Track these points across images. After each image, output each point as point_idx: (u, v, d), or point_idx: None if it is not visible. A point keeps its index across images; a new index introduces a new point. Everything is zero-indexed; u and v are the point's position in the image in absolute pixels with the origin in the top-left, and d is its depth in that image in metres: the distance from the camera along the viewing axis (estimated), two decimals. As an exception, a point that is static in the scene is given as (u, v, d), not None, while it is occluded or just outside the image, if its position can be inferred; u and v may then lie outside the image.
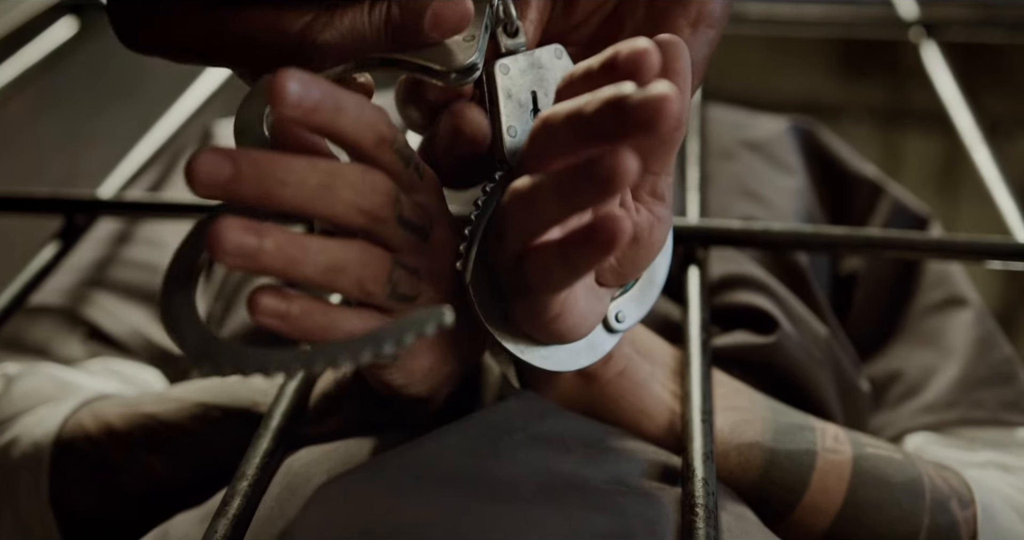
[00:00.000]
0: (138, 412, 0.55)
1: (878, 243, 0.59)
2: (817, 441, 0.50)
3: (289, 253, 0.35)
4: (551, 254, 0.37)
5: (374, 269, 0.38)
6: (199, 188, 0.33)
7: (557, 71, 0.43)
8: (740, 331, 0.59)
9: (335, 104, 0.35)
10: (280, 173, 0.34)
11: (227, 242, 0.33)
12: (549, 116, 0.37)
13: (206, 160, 0.33)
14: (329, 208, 0.36)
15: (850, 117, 2.54)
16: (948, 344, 0.67)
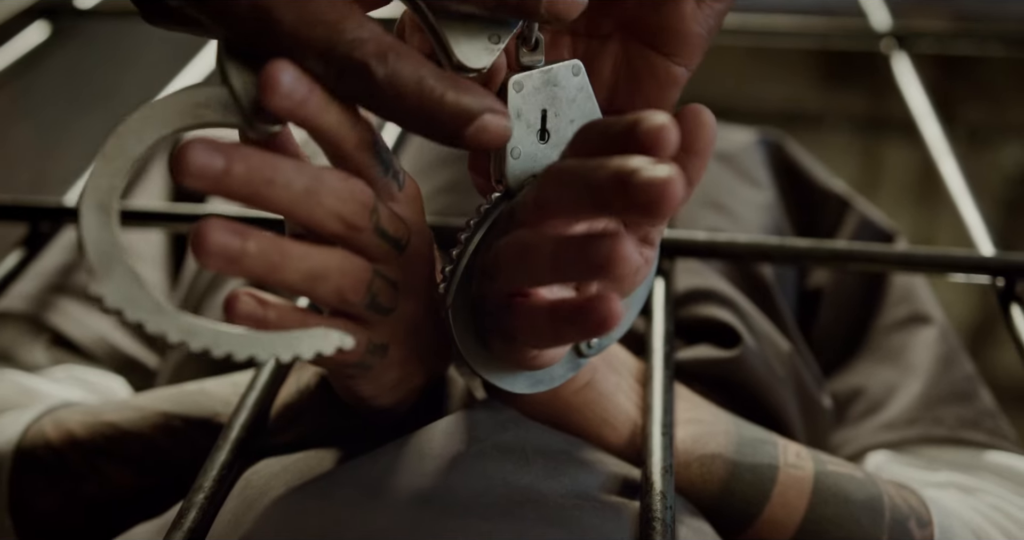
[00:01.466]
0: (100, 420, 0.54)
1: (842, 256, 0.59)
2: (779, 456, 0.50)
3: (271, 258, 0.35)
4: (540, 316, 0.36)
5: (354, 278, 0.38)
6: (188, 179, 0.32)
7: (571, 89, 0.42)
8: (703, 345, 0.59)
9: (323, 99, 0.35)
10: (269, 172, 0.34)
11: (211, 243, 0.33)
12: (559, 172, 0.36)
13: (198, 151, 0.32)
14: (310, 212, 0.36)
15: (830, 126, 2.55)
16: (911, 361, 0.68)
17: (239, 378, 0.55)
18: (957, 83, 2.38)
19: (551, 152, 0.42)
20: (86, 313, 0.69)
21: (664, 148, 0.32)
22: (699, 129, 0.37)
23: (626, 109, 0.43)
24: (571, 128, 0.42)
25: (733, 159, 0.77)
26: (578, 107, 0.42)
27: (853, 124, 2.53)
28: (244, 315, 0.36)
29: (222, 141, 0.33)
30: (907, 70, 0.84)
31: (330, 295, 0.38)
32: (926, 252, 0.60)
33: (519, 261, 0.37)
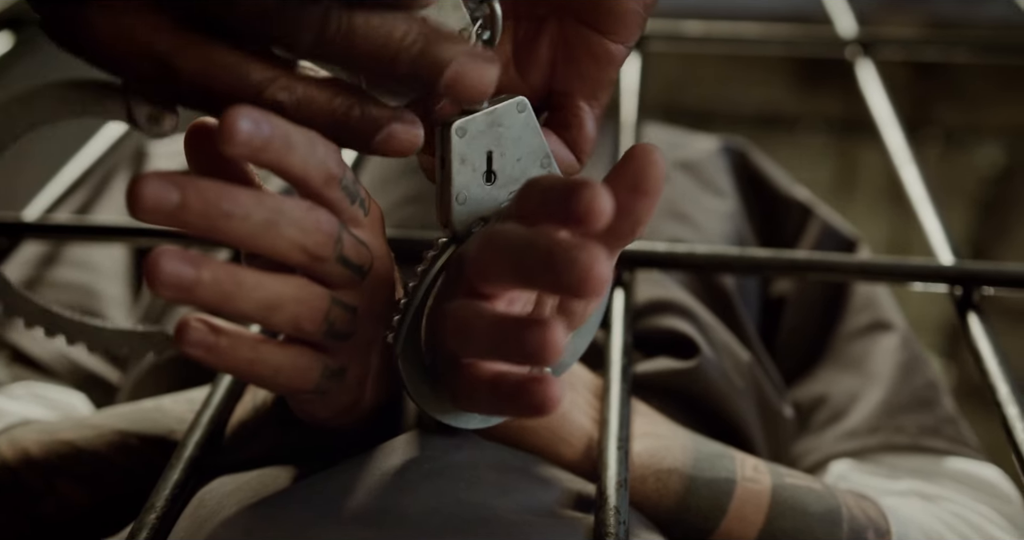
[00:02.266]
0: (55, 439, 0.54)
1: (801, 265, 0.60)
2: (736, 470, 0.50)
3: (225, 287, 0.34)
4: (480, 386, 0.36)
5: (311, 307, 0.38)
6: (142, 214, 0.32)
7: (516, 128, 0.42)
8: (662, 357, 0.59)
9: (285, 142, 0.35)
10: (226, 205, 0.34)
11: (163, 272, 0.33)
12: (494, 239, 0.36)
13: (152, 185, 0.32)
14: (271, 244, 0.36)
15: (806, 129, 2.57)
16: (872, 369, 0.68)
17: (195, 395, 0.54)
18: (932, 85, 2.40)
19: (499, 193, 0.42)
20: (46, 329, 0.69)
21: (595, 224, 0.32)
22: (648, 168, 0.37)
23: (566, 89, 0.43)
24: (518, 166, 0.42)
25: (696, 167, 0.77)
26: (524, 144, 0.42)
27: (829, 127, 2.54)
28: (194, 343, 0.36)
29: (178, 174, 0.33)
30: (871, 77, 0.84)
31: (286, 324, 0.38)
32: (885, 261, 0.60)
33: (459, 334, 0.36)
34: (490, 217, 0.42)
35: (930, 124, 2.52)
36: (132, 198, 0.32)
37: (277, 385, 0.40)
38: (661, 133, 0.83)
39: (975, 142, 2.56)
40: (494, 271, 0.36)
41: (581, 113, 0.43)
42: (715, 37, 0.92)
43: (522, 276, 0.34)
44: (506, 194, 0.42)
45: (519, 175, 0.42)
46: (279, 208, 0.36)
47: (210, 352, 0.36)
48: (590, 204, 0.32)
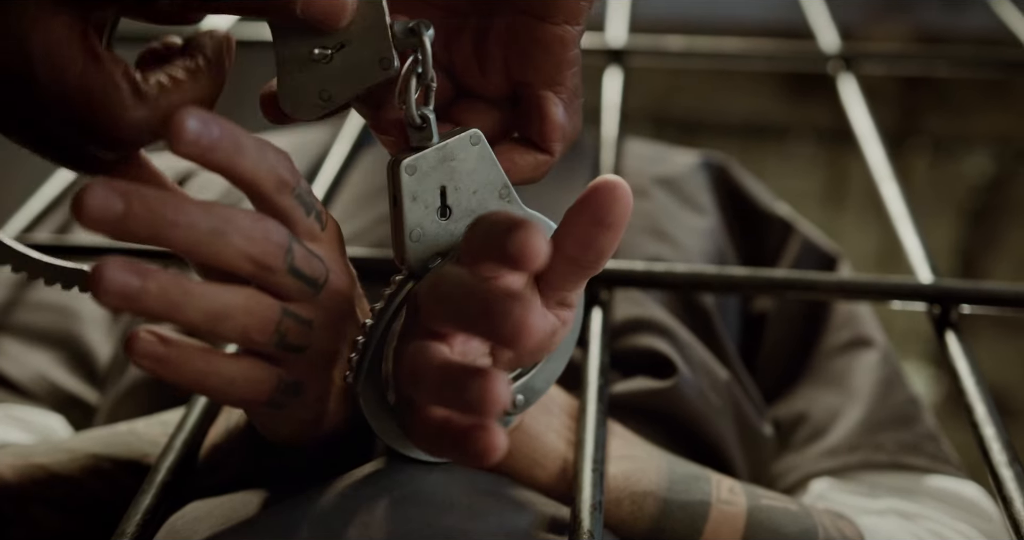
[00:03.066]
0: (29, 463, 0.53)
1: (780, 284, 0.59)
2: (712, 492, 0.50)
3: (172, 297, 0.34)
4: (430, 429, 0.36)
5: (260, 318, 0.38)
6: (87, 223, 0.32)
7: (471, 160, 0.42)
8: (639, 377, 0.59)
9: (234, 145, 0.35)
10: (171, 214, 0.34)
11: (108, 281, 0.33)
12: (441, 284, 0.36)
13: (96, 194, 0.32)
14: (217, 254, 0.36)
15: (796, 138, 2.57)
16: (853, 386, 0.68)
17: (169, 417, 0.54)
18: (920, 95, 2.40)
19: (454, 226, 0.42)
20: (24, 351, 0.68)
21: (529, 266, 0.32)
22: (612, 203, 0.37)
23: (524, 80, 0.43)
24: (475, 199, 0.42)
25: (676, 183, 0.77)
26: (480, 176, 0.42)
27: (818, 137, 2.55)
28: (143, 354, 0.36)
29: (122, 183, 0.33)
30: (853, 91, 0.84)
31: (234, 335, 0.38)
32: (863, 280, 0.60)
33: (411, 378, 0.36)
34: (448, 252, 0.42)
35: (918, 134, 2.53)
36: (77, 207, 0.32)
37: (231, 398, 0.40)
38: (641, 147, 0.83)
39: (964, 151, 2.57)
40: (439, 316, 0.36)
41: (543, 102, 0.43)
42: (697, 52, 0.92)
43: (463, 324, 0.34)
44: (463, 227, 0.42)
45: (476, 207, 0.42)
46: (226, 217, 0.36)
47: (160, 363, 0.36)
48: (523, 246, 0.32)
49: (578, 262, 0.40)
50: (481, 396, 0.31)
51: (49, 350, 0.69)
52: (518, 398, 0.45)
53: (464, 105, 0.45)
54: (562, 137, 0.43)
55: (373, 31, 0.40)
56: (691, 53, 0.91)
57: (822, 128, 2.53)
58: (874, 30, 2.11)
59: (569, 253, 0.40)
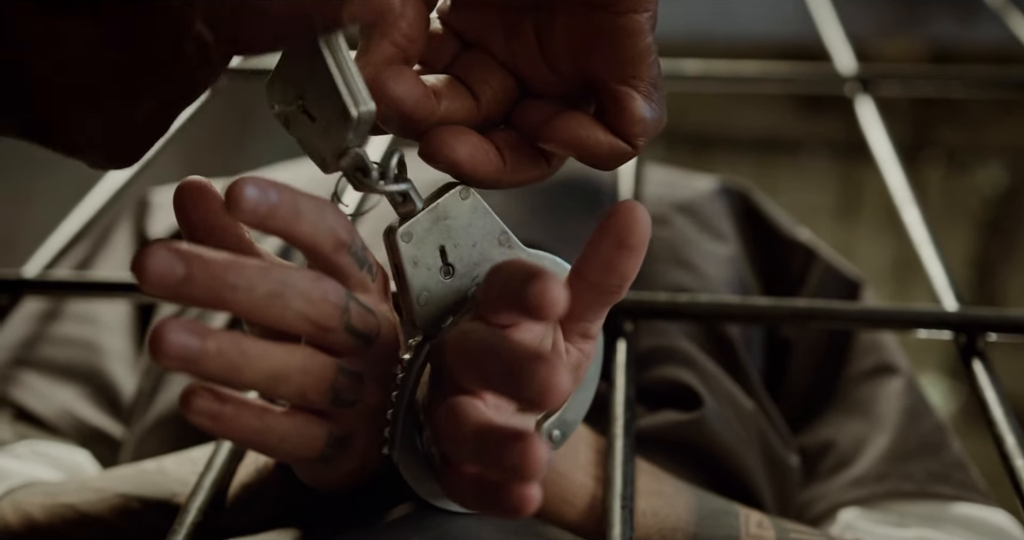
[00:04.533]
0: (58, 503, 0.54)
1: (803, 314, 0.59)
2: (740, 527, 0.50)
3: (230, 358, 0.35)
4: (465, 486, 0.36)
5: (317, 377, 0.38)
6: (148, 288, 0.32)
7: (464, 215, 0.42)
8: (665, 410, 0.59)
9: (293, 209, 0.35)
10: (232, 278, 0.34)
11: (168, 344, 0.33)
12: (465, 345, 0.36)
13: (158, 259, 0.32)
14: (278, 316, 0.36)
15: (809, 152, 2.57)
16: (878, 413, 0.68)
17: (197, 455, 0.54)
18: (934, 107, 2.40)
19: (461, 282, 0.42)
20: (49, 386, 0.69)
21: (549, 316, 0.32)
22: (634, 225, 0.37)
23: (596, 75, 0.41)
24: (475, 252, 0.42)
25: (695, 210, 0.77)
26: (477, 228, 0.42)
27: (831, 151, 2.55)
28: (199, 412, 0.36)
29: (183, 245, 0.33)
30: (871, 113, 0.84)
31: (292, 395, 0.38)
32: (887, 308, 0.60)
33: (446, 438, 0.36)
34: (459, 308, 0.42)
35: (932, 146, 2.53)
36: (138, 271, 0.32)
37: (283, 454, 0.40)
38: (658, 173, 0.83)
39: (977, 163, 2.56)
40: (465, 376, 0.36)
41: (618, 96, 0.40)
42: (714, 76, 0.92)
43: (489, 383, 0.34)
44: (469, 281, 0.42)
45: (479, 259, 0.42)
46: (285, 280, 0.36)
47: (215, 421, 0.36)
48: (542, 296, 0.32)
49: (602, 287, 0.40)
50: (522, 461, 0.31)
51: (74, 385, 0.69)
52: (554, 434, 0.45)
53: (531, 105, 0.43)
54: (644, 131, 0.41)
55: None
56: (708, 77, 0.92)
57: (835, 142, 2.52)
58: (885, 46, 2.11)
59: (592, 279, 0.40)
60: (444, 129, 0.40)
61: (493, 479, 0.34)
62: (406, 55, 0.40)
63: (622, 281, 0.39)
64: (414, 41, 0.40)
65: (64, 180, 1.13)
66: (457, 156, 0.40)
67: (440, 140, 0.40)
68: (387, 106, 0.39)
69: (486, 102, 0.42)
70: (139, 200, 0.81)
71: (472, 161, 0.41)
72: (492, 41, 0.43)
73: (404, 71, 0.39)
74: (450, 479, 0.37)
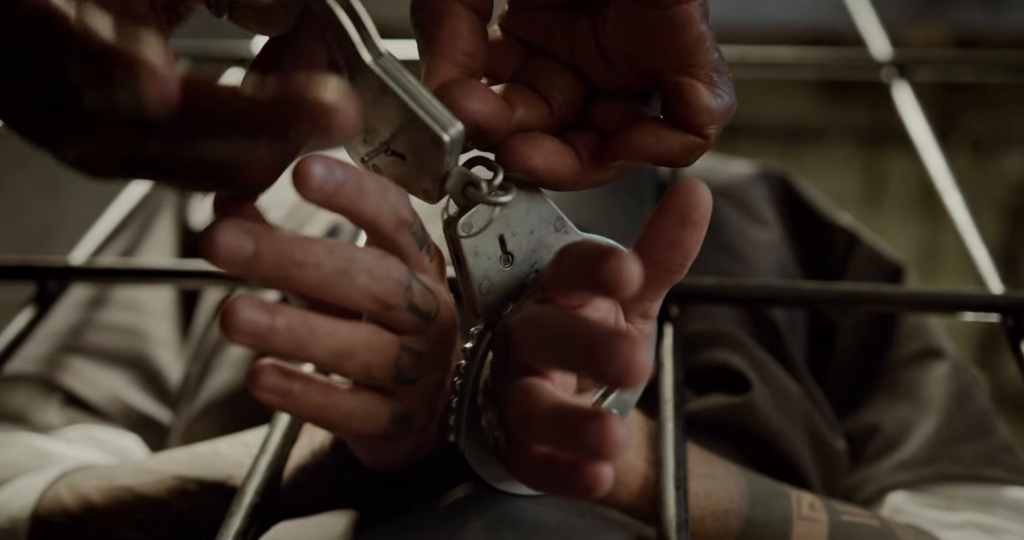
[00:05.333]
0: (115, 485, 0.54)
1: (851, 297, 0.59)
2: (793, 509, 0.50)
3: (299, 335, 0.35)
4: (535, 467, 0.36)
5: (382, 354, 0.39)
6: (218, 262, 0.33)
7: (521, 203, 0.42)
8: (713, 394, 0.59)
9: (358, 188, 0.36)
10: (299, 255, 0.35)
11: (239, 320, 0.33)
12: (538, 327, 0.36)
13: (227, 235, 0.33)
14: (344, 293, 0.37)
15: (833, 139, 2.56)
16: (925, 397, 0.68)
17: (250, 438, 0.55)
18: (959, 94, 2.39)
19: (520, 269, 0.43)
20: (97, 372, 0.69)
21: (626, 292, 0.32)
22: (697, 202, 0.38)
23: (653, 69, 0.41)
24: (533, 238, 0.43)
25: (735, 195, 0.77)
26: (534, 215, 0.43)
27: (855, 138, 2.54)
28: (267, 388, 0.37)
29: (251, 223, 0.34)
30: (908, 99, 0.84)
31: (358, 371, 0.38)
32: (934, 291, 0.60)
33: (519, 419, 0.36)
34: (519, 295, 0.43)
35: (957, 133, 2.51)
36: (208, 247, 0.33)
37: (347, 430, 0.41)
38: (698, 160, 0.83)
39: (1003, 150, 2.54)
40: (537, 358, 0.36)
41: (679, 88, 0.40)
42: (749, 62, 0.92)
43: (564, 364, 0.34)
44: (528, 267, 0.43)
45: (536, 245, 0.43)
46: (350, 257, 0.36)
47: (283, 397, 0.37)
48: (619, 273, 0.32)
49: (665, 265, 0.40)
50: (601, 440, 0.31)
51: (121, 371, 0.70)
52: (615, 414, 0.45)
53: (601, 105, 0.43)
54: (711, 120, 0.40)
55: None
56: (742, 63, 0.91)
57: (859, 130, 2.51)
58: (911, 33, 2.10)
59: (655, 257, 0.40)
60: (520, 138, 0.41)
61: (564, 459, 0.34)
62: (470, 71, 0.41)
63: (684, 259, 0.39)
64: (475, 56, 0.41)
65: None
66: (534, 164, 0.41)
67: (517, 149, 0.41)
68: (463, 122, 0.39)
69: (557, 106, 0.42)
70: (180, 188, 0.81)
71: (549, 167, 0.41)
72: (554, 44, 0.43)
73: (473, 85, 0.40)
74: (519, 461, 0.37)
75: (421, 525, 0.44)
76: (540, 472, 0.36)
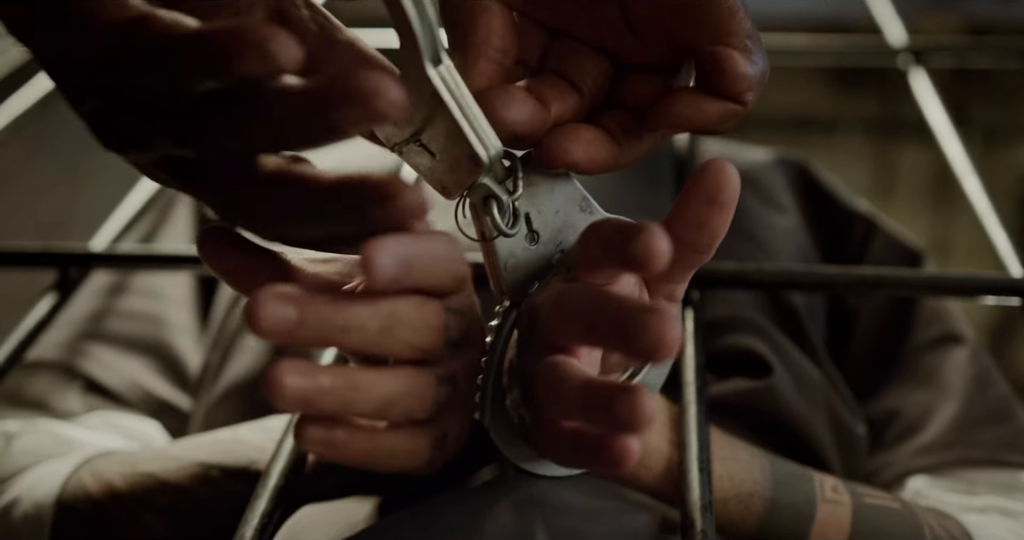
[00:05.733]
0: (138, 471, 0.55)
1: (871, 282, 0.59)
2: (816, 491, 0.50)
3: (343, 394, 0.35)
4: (563, 442, 0.36)
5: (421, 397, 0.38)
6: (261, 333, 0.33)
7: (546, 182, 0.42)
8: (735, 378, 0.59)
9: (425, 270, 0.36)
10: (342, 319, 0.35)
11: (286, 388, 0.33)
12: (567, 302, 0.36)
13: (269, 305, 0.33)
14: (387, 349, 0.37)
15: (843, 131, 2.55)
16: (944, 382, 0.68)
17: (272, 424, 0.55)
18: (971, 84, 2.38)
19: (545, 248, 0.43)
20: (117, 359, 0.70)
21: (655, 267, 0.32)
22: (725, 182, 0.38)
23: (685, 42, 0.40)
24: (558, 218, 0.43)
25: (754, 181, 0.76)
26: (559, 195, 0.43)
27: (866, 128, 2.53)
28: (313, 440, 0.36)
29: (291, 289, 0.34)
30: (925, 85, 0.84)
31: (400, 417, 0.38)
32: (955, 275, 0.60)
33: (547, 395, 0.36)
34: (543, 274, 0.43)
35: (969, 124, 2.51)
36: (251, 318, 0.32)
37: (392, 468, 0.40)
38: (712, 144, 0.83)
39: (1015, 141, 2.53)
40: (566, 333, 0.36)
41: (716, 57, 0.39)
42: (766, 50, 0.91)
43: (594, 339, 0.34)
44: (553, 247, 0.43)
45: (561, 225, 0.43)
46: (393, 313, 0.36)
47: (328, 447, 0.37)
48: (649, 248, 0.32)
49: (692, 246, 0.40)
50: (631, 414, 0.31)
51: (141, 357, 0.70)
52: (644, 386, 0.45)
53: (630, 81, 0.43)
54: (749, 87, 0.40)
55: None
56: (759, 50, 0.91)
57: (869, 120, 2.50)
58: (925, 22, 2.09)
59: (683, 238, 0.39)
60: (558, 134, 0.40)
61: (593, 434, 0.34)
62: (504, 67, 0.40)
63: (712, 239, 0.39)
64: (508, 51, 0.41)
65: (113, 161, 1.14)
66: (575, 158, 0.40)
67: (558, 146, 0.40)
68: (502, 131, 0.39)
69: (587, 91, 0.42)
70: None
71: (588, 157, 0.41)
72: (577, 25, 0.42)
73: (512, 93, 0.39)
74: (547, 437, 0.37)
75: (447, 506, 0.44)
76: (568, 447, 0.36)
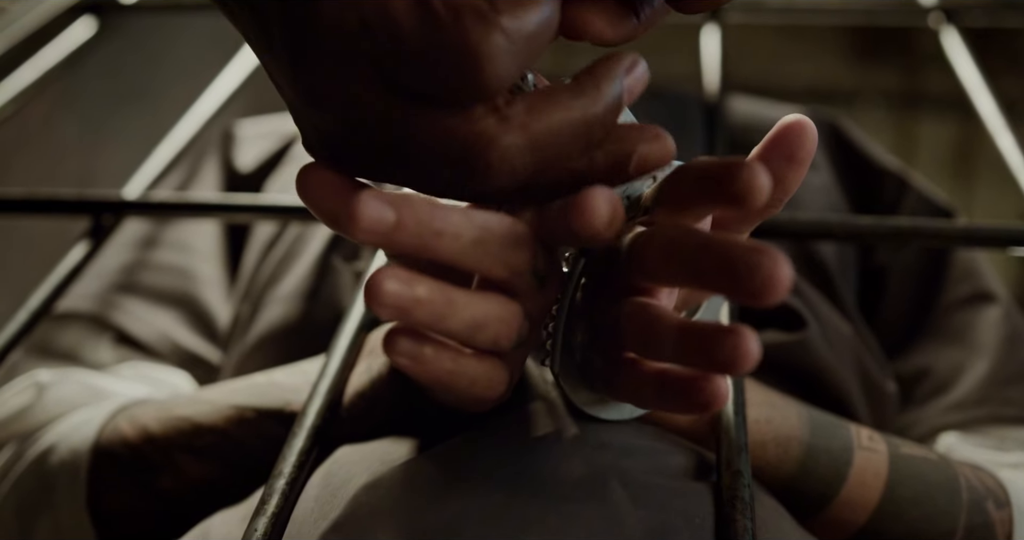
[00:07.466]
0: (174, 415, 0.55)
1: (905, 232, 0.59)
2: (853, 439, 0.50)
3: (438, 307, 0.35)
4: (647, 384, 0.36)
5: (509, 325, 0.39)
6: (360, 233, 0.33)
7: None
8: (769, 330, 0.59)
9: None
10: (438, 224, 0.34)
11: (385, 293, 0.33)
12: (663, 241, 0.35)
13: (369, 205, 0.33)
14: (478, 262, 0.37)
15: (864, 102, 2.53)
16: (976, 341, 0.67)
17: (308, 367, 0.55)
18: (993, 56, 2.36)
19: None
20: (148, 311, 0.70)
21: (756, 203, 0.32)
22: (804, 140, 0.37)
23: None
24: None
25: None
26: None
27: (886, 100, 2.51)
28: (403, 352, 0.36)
29: (391, 193, 0.33)
30: (957, 45, 0.83)
31: (486, 343, 0.38)
32: (989, 226, 0.59)
33: (639, 338, 0.36)
34: None
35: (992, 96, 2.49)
36: (349, 218, 0.32)
37: (469, 396, 0.40)
38: (746, 104, 0.82)
39: (1038, 113, 2.52)
40: (660, 273, 0.35)
41: None
42: (796, 7, 0.91)
43: (695, 279, 0.33)
44: (620, 192, 0.42)
45: None
46: (486, 225, 0.36)
47: (415, 361, 0.37)
48: (750, 183, 0.32)
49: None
50: (737, 355, 0.31)
51: (171, 310, 0.70)
52: None
53: None
54: None
55: None
56: (791, 8, 0.91)
57: (891, 92, 2.49)
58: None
59: None
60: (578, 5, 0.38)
61: (681, 376, 0.34)
62: None
63: (784, 195, 0.39)
64: None
65: (137, 119, 1.14)
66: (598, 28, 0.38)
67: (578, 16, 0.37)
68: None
69: None
70: (224, 133, 0.81)
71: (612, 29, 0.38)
72: None
73: None
74: (629, 379, 0.37)
75: (481, 443, 0.44)
76: (653, 389, 0.35)
